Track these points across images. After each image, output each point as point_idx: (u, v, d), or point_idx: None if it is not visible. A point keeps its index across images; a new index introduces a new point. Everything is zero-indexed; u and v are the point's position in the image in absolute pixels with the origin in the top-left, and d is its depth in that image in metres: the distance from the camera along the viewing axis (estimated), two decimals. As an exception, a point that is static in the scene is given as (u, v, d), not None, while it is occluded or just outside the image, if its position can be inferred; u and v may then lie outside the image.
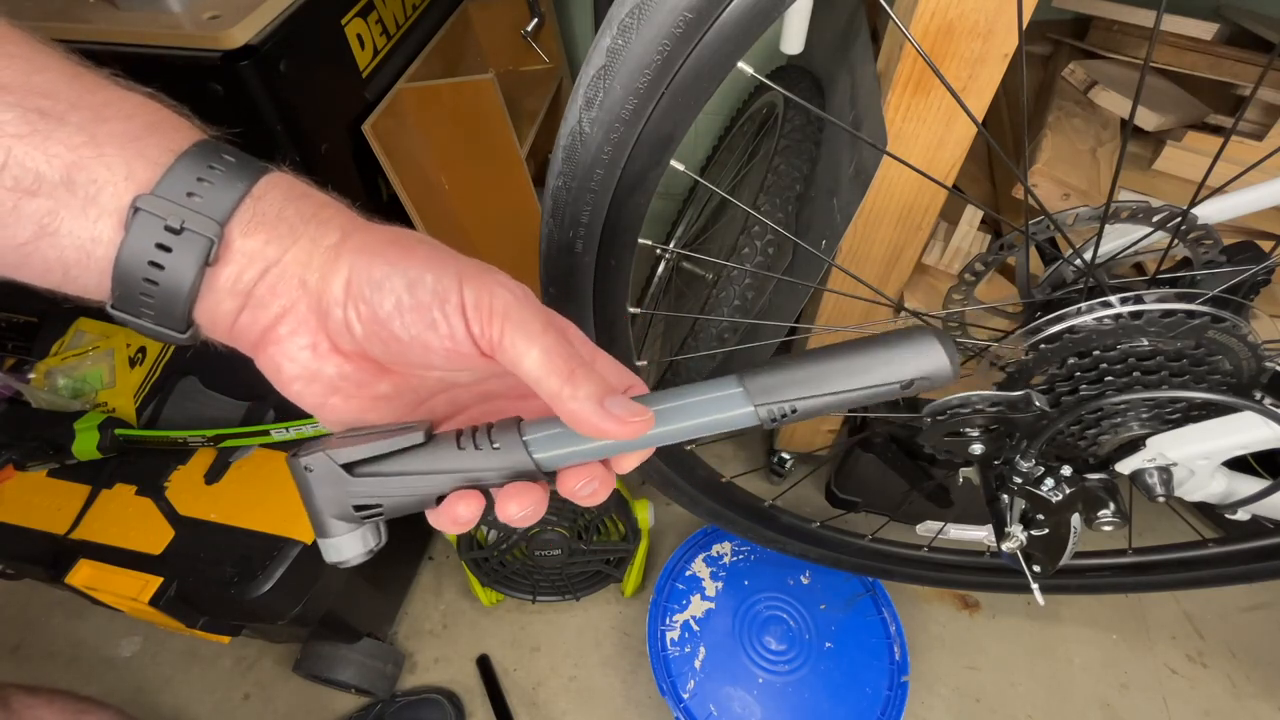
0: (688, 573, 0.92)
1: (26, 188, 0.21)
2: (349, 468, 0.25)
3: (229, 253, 0.24)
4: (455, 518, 0.26)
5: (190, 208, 0.23)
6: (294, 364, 0.26)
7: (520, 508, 0.26)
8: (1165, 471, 0.49)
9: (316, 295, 0.24)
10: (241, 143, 0.25)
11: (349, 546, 0.26)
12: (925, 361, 0.24)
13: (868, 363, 0.24)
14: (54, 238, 0.22)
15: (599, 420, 0.24)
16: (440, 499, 0.26)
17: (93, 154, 0.22)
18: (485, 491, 0.27)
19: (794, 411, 0.25)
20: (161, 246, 0.23)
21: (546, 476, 0.27)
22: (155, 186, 0.23)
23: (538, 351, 0.24)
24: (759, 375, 0.25)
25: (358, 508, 0.26)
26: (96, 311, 0.94)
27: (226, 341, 0.26)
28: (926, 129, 0.56)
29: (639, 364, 0.57)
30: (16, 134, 0.21)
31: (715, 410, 0.25)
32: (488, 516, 0.27)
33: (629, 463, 0.27)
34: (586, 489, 0.26)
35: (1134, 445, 0.49)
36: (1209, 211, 0.46)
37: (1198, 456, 0.47)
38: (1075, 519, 0.51)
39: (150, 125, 0.23)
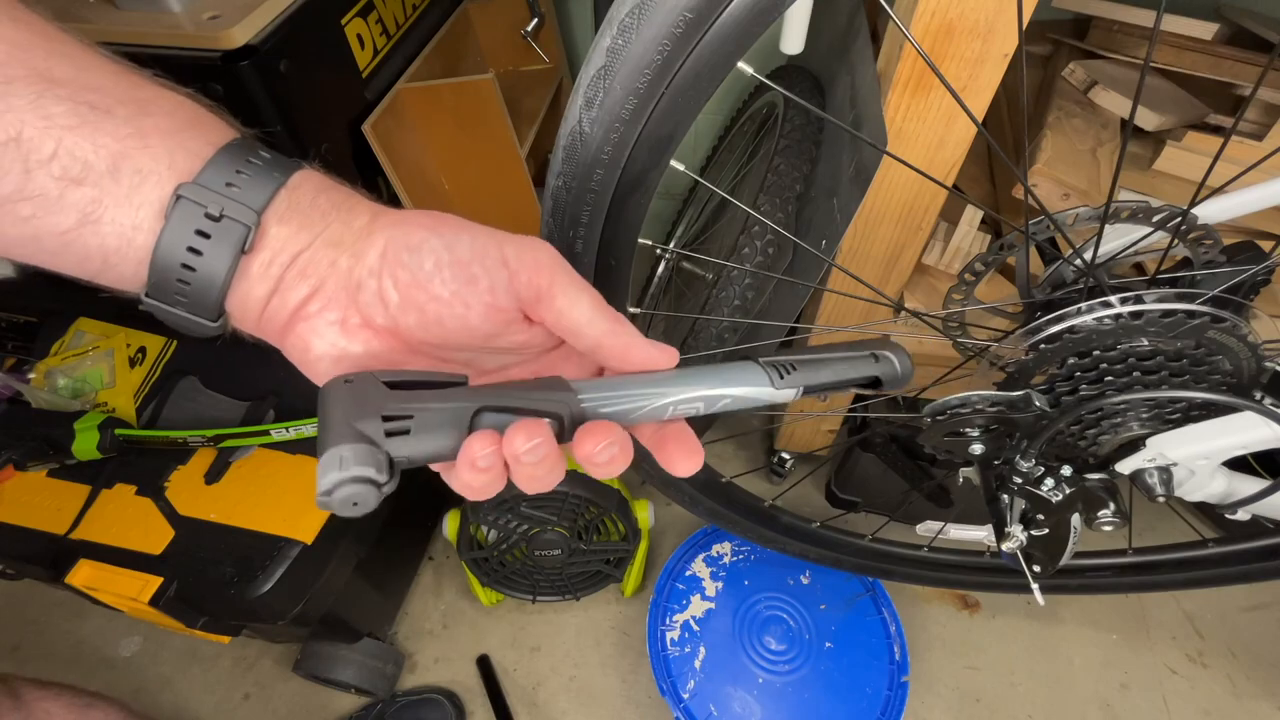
0: (688, 573, 0.92)
1: (74, 176, 0.22)
2: (390, 385, 0.24)
3: (263, 239, 0.25)
4: (472, 460, 0.23)
5: (229, 196, 0.24)
6: (322, 340, 0.26)
7: (528, 439, 0.23)
8: (1165, 471, 0.49)
9: (347, 272, 0.25)
10: (272, 142, 0.26)
11: (355, 460, 0.22)
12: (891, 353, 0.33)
13: (853, 347, 0.33)
14: (96, 226, 0.23)
15: (646, 347, 0.27)
16: (469, 432, 0.24)
17: (138, 145, 0.23)
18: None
19: (794, 369, 0.30)
20: (201, 233, 0.24)
21: (573, 426, 0.25)
22: (197, 176, 0.24)
23: (589, 298, 0.26)
24: (764, 357, 0.31)
25: (386, 418, 0.23)
26: (96, 311, 0.94)
27: (254, 332, 0.27)
28: (926, 129, 0.56)
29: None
30: (67, 125, 0.22)
31: (733, 372, 0.29)
32: (510, 491, 0.26)
33: (682, 464, 0.27)
34: (605, 453, 0.24)
35: (1134, 445, 0.49)
36: (1209, 211, 0.46)
37: (1198, 456, 0.47)
38: (1075, 519, 0.51)
39: (191, 121, 0.25)
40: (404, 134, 0.83)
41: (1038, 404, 0.46)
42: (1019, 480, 0.50)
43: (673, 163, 0.38)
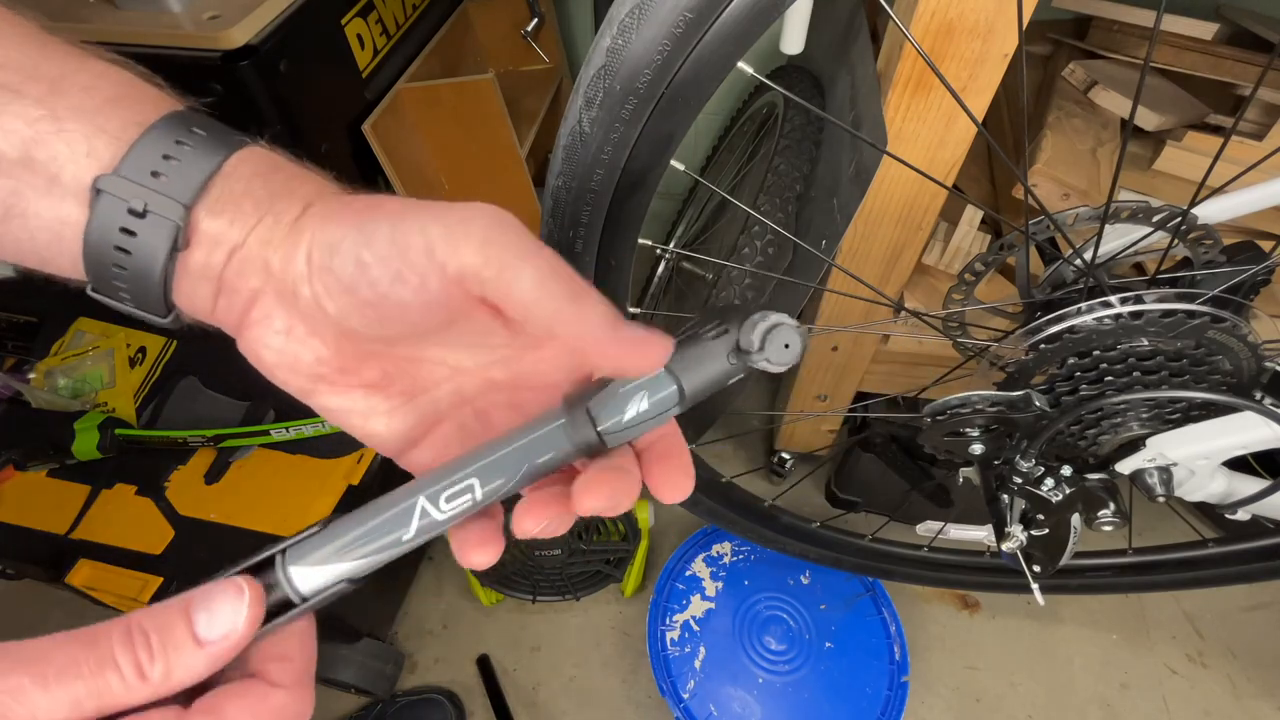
0: (688, 573, 0.92)
1: None
2: None
3: (197, 235, 0.22)
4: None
5: (154, 188, 0.21)
6: (270, 350, 0.24)
7: None
8: (1165, 471, 0.49)
9: (281, 277, 0.22)
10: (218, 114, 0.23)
11: None
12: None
13: None
14: (23, 219, 0.21)
15: (612, 343, 0.21)
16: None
17: (52, 129, 0.21)
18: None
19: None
20: (126, 230, 0.21)
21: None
22: (118, 165, 0.21)
23: (532, 271, 0.21)
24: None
25: None
26: (96, 311, 0.94)
27: (212, 323, 0.25)
28: (926, 129, 0.56)
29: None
30: None
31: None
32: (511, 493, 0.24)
33: (669, 491, 0.24)
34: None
35: (1134, 445, 0.49)
36: (1209, 211, 0.46)
37: (1198, 456, 0.47)
38: (1075, 519, 0.51)
39: (113, 98, 0.22)
40: (404, 134, 0.83)
41: (1038, 404, 0.46)
42: (1019, 480, 0.50)
43: (673, 163, 0.38)
